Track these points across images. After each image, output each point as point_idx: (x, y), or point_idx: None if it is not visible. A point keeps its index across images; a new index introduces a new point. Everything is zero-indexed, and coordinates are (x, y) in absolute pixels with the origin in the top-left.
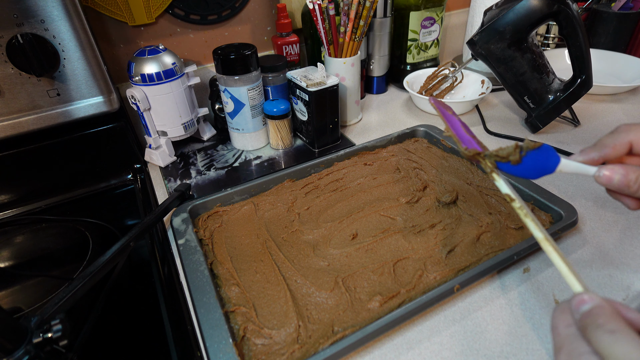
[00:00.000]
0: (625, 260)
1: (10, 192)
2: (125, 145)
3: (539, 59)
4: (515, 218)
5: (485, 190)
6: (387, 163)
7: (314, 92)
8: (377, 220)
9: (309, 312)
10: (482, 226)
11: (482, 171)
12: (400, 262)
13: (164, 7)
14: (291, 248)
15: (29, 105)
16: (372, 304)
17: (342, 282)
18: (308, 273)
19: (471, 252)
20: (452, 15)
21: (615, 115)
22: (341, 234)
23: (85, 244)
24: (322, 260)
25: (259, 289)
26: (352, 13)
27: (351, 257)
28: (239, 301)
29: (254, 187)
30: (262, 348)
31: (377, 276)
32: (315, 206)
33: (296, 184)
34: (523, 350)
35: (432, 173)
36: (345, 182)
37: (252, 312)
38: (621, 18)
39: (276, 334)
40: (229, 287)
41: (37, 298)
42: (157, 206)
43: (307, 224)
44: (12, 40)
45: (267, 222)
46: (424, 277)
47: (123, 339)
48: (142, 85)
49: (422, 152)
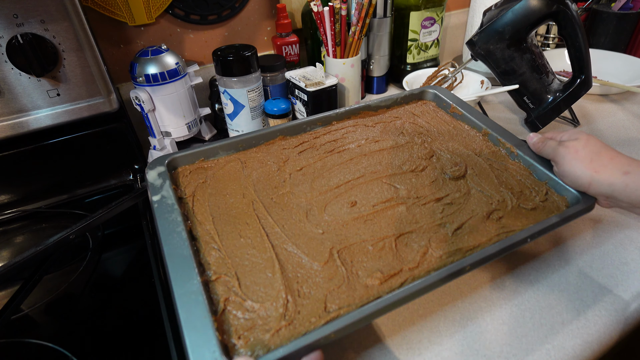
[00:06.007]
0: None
1: (10, 192)
2: (125, 145)
3: (538, 59)
4: (528, 197)
5: (496, 165)
6: (391, 126)
7: (312, 92)
8: (378, 188)
9: (299, 285)
10: (492, 204)
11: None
12: (403, 237)
13: (164, 7)
14: (281, 211)
15: (29, 105)
16: (370, 280)
17: (338, 254)
18: (299, 241)
19: (480, 231)
20: (452, 15)
21: (615, 115)
22: (338, 200)
23: (85, 243)
24: (316, 227)
25: (243, 255)
26: (363, 12)
27: (348, 227)
28: (219, 268)
29: (242, 142)
30: (245, 323)
31: (377, 250)
32: (310, 167)
33: (289, 142)
34: (523, 350)
35: (439, 140)
36: (344, 143)
37: (235, 281)
38: (621, 18)
39: (261, 308)
40: (209, 252)
41: (37, 298)
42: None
43: (300, 186)
44: (12, 40)
45: (255, 181)
46: (428, 255)
47: (123, 339)
48: (146, 86)
49: (429, 116)
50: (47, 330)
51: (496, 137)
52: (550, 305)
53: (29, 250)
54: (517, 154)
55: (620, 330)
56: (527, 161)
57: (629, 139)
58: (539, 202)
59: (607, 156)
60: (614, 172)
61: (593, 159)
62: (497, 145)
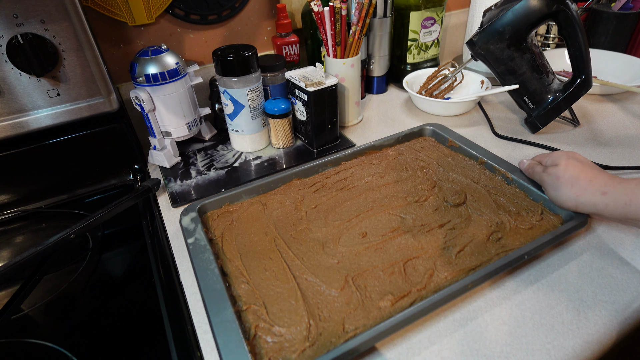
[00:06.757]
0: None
1: (10, 192)
2: (125, 145)
3: (538, 59)
4: (525, 218)
5: (493, 190)
6: (395, 162)
7: (312, 92)
8: (386, 219)
9: (319, 310)
10: (491, 226)
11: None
12: (411, 262)
13: (164, 7)
14: (300, 245)
15: (29, 105)
16: (383, 302)
17: (352, 280)
18: (318, 271)
19: (481, 252)
20: (452, 15)
21: (615, 115)
22: (350, 232)
23: (85, 244)
24: (332, 258)
25: (269, 287)
26: (364, 12)
27: (361, 256)
28: (249, 299)
29: (262, 186)
30: (274, 346)
31: (388, 275)
32: (323, 204)
33: (304, 183)
34: (523, 350)
35: (440, 172)
36: (353, 181)
37: (263, 309)
38: (621, 18)
39: (287, 332)
40: (239, 285)
41: (37, 298)
42: (156, 206)
43: (315, 222)
44: (12, 40)
45: (276, 220)
46: (434, 277)
47: (123, 339)
48: (146, 86)
49: (429, 150)
50: (47, 330)
51: (492, 165)
52: (550, 305)
53: (29, 250)
54: (511, 178)
55: (620, 330)
56: (522, 185)
57: (629, 139)
58: (535, 222)
59: (586, 179)
60: (594, 194)
61: (573, 184)
62: (493, 172)
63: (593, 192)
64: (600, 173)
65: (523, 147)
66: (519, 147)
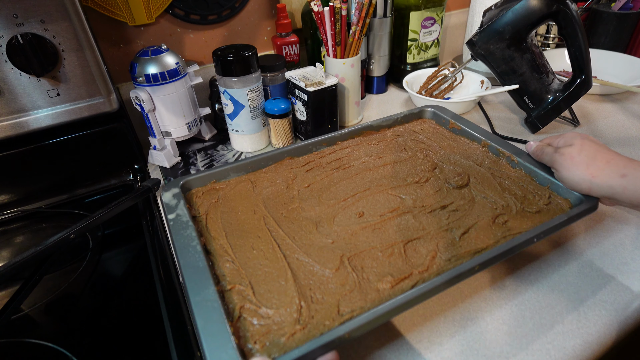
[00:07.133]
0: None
1: (10, 192)
2: (125, 145)
3: (538, 59)
4: (532, 201)
5: (497, 173)
6: (393, 143)
7: (312, 92)
8: (385, 199)
9: (312, 291)
10: (497, 209)
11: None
12: (411, 243)
13: (164, 7)
14: (291, 224)
15: (29, 105)
16: (382, 284)
17: (348, 261)
18: (310, 250)
19: (487, 235)
20: (452, 15)
21: (615, 115)
22: (346, 212)
23: (85, 244)
24: (326, 237)
25: (256, 266)
26: (364, 12)
27: (357, 236)
28: (233, 278)
29: (251, 164)
30: (260, 328)
31: (386, 256)
32: (317, 183)
33: (296, 162)
34: (523, 351)
35: (441, 154)
36: (349, 161)
37: (249, 290)
38: (621, 18)
39: (275, 314)
40: (223, 264)
41: (37, 298)
42: (156, 206)
43: (308, 200)
44: (12, 40)
45: (265, 198)
46: (437, 259)
47: (123, 339)
48: (146, 86)
49: (429, 132)
50: (47, 330)
51: (496, 148)
52: (550, 305)
53: (29, 250)
54: (517, 161)
55: (620, 330)
56: (528, 168)
57: (629, 139)
58: (542, 206)
59: (604, 160)
60: (611, 176)
61: (589, 164)
62: (498, 155)
63: (610, 174)
64: (617, 155)
65: (523, 147)
66: (518, 147)
